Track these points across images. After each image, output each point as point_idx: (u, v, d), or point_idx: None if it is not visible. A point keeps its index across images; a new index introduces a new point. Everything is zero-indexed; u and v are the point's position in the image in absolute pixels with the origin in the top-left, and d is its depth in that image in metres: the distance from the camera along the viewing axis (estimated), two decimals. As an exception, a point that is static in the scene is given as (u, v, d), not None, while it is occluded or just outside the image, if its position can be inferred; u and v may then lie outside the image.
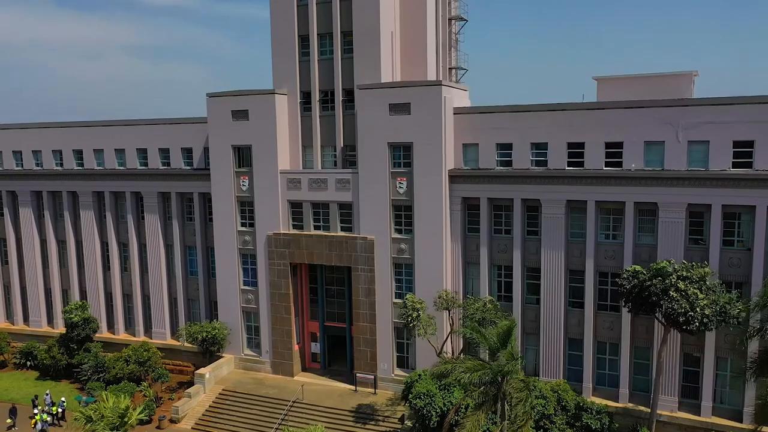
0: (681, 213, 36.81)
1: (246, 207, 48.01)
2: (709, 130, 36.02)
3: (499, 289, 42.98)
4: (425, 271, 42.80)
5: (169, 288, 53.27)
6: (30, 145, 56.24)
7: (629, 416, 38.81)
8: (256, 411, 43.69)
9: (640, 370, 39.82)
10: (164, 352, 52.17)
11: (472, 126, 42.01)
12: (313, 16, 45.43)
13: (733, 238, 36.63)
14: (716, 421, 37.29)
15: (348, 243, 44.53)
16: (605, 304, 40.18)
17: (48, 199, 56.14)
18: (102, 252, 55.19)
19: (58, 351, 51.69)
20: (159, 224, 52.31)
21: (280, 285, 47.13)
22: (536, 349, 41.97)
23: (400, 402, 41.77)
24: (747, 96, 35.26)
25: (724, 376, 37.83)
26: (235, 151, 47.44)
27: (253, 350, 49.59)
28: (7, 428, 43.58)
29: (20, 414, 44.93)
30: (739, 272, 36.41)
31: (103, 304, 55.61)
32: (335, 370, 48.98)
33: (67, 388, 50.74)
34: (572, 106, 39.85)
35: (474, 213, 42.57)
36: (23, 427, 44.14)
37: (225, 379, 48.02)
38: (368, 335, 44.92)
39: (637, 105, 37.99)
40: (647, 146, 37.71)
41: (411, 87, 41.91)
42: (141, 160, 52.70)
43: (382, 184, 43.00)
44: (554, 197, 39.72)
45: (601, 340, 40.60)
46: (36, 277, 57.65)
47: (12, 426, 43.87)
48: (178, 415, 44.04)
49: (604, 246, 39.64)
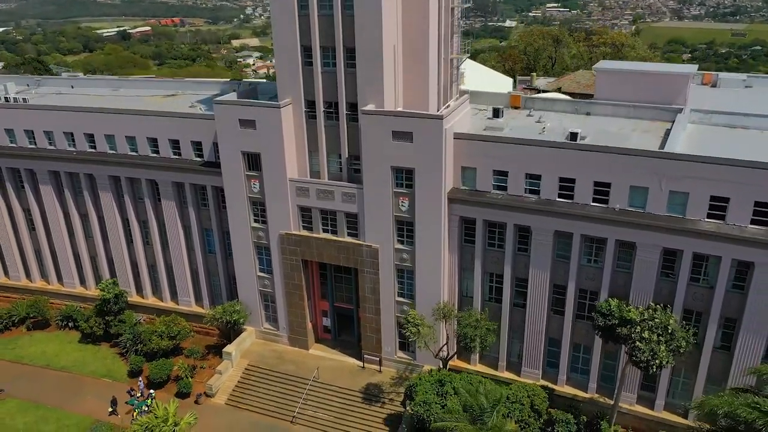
0: (656, 254, 40.93)
1: (258, 206, 51.36)
2: (690, 183, 38.93)
3: (491, 293, 48.24)
4: (425, 276, 47.61)
5: (190, 263, 58.21)
6: (42, 125, 57.68)
7: (595, 405, 46.18)
8: (280, 388, 51.00)
9: (607, 368, 46.47)
10: (190, 317, 58.65)
11: (470, 151, 44.35)
12: (314, 28, 45.14)
13: (699, 276, 41.17)
14: (666, 416, 44.71)
15: (354, 248, 48.80)
16: (582, 314, 45.69)
17: (66, 178, 58.88)
18: (123, 227, 59.22)
19: (95, 322, 58.01)
20: (175, 208, 55.84)
21: (293, 276, 52.15)
22: (521, 343, 48.24)
23: (402, 383, 49.15)
24: (727, 158, 37.69)
25: (677, 381, 44.53)
26: (244, 156, 49.68)
27: (271, 324, 55.92)
28: (109, 414, 49.85)
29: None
30: (700, 305, 41.54)
31: (130, 272, 60.87)
32: (344, 340, 55.72)
33: (109, 352, 57.84)
34: (567, 145, 41.99)
35: (470, 228, 46.42)
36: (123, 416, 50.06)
37: (248, 352, 54.92)
38: (373, 324, 50.94)
39: (627, 152, 40.27)
40: (632, 189, 40.73)
41: (413, 118, 43.49)
42: (152, 147, 54.82)
43: (385, 201, 46.21)
44: (544, 226, 43.43)
45: (576, 342, 46.74)
46: (64, 245, 62.21)
47: (113, 413, 49.94)
48: (213, 391, 51.44)
49: (585, 269, 44.21)
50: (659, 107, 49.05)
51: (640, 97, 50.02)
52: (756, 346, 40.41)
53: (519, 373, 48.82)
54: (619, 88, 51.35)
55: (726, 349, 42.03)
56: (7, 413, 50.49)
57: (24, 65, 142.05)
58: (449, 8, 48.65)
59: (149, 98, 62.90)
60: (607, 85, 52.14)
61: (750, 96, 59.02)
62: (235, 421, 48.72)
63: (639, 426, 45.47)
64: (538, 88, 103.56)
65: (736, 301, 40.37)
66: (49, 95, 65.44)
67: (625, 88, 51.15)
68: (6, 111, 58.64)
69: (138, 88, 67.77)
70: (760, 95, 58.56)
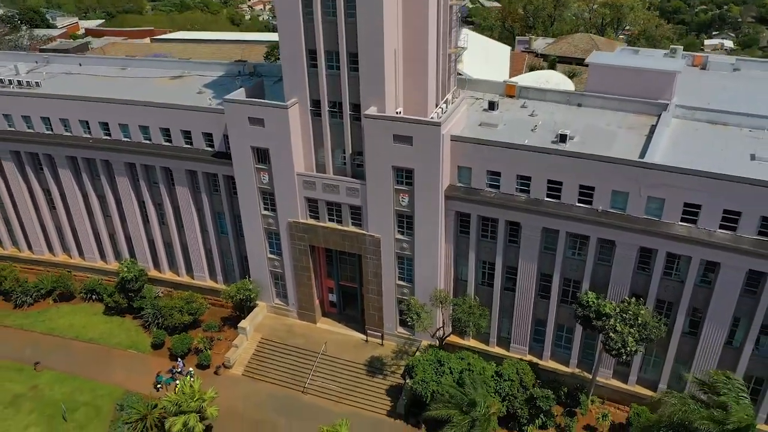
0: (634, 251, 45.03)
1: (268, 196, 54.94)
2: (666, 191, 42.53)
3: (484, 278, 52.62)
4: (423, 263, 51.83)
5: (204, 242, 62.33)
6: (57, 113, 60.32)
7: (575, 378, 51.52)
8: (291, 360, 56.24)
9: (587, 346, 51.46)
10: (205, 291, 63.46)
11: (466, 153, 47.61)
12: (319, 33, 47.23)
13: (671, 271, 45.42)
14: (638, 389, 50.09)
15: (358, 237, 52.80)
16: (566, 299, 50.24)
17: (83, 163, 62.05)
18: (140, 209, 62.94)
19: (119, 296, 62.71)
20: (189, 194, 59.38)
21: (301, 259, 56.42)
22: (510, 323, 53.07)
23: (402, 356, 54.45)
24: (700, 170, 41.14)
25: (649, 359, 49.62)
26: (254, 151, 52.83)
27: (281, 300, 60.64)
28: (155, 389, 54.91)
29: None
30: (672, 296, 46.01)
31: (147, 249, 65.08)
32: (349, 314, 60.62)
33: (132, 324, 62.75)
34: (553, 151, 45.19)
35: (465, 221, 50.28)
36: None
37: (261, 326, 59.92)
38: (376, 304, 55.62)
39: (610, 161, 43.57)
40: (614, 193, 44.36)
41: (413, 124, 46.46)
42: (165, 137, 57.80)
43: (387, 197, 49.79)
44: (532, 223, 47.29)
45: (560, 323, 51.55)
46: (84, 223, 66.07)
47: (159, 387, 54.85)
48: (230, 363, 56.69)
49: (569, 261, 48.39)
50: (646, 102, 51.97)
51: (630, 92, 52.71)
52: (719, 332, 45.15)
53: (508, 349, 53.91)
54: (610, 82, 53.87)
55: (693, 334, 46.80)
56: (46, 384, 55.91)
57: (21, 16, 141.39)
58: (447, 6, 50.58)
59: (157, 80, 65.32)
60: (599, 78, 54.58)
61: (736, 80, 61.71)
62: (253, 391, 54.15)
63: (613, 397, 50.96)
64: (536, 51, 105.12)
65: (703, 294, 44.82)
66: (60, 75, 67.74)
67: (615, 81, 53.65)
68: (23, 99, 60.98)
69: (144, 67, 69.95)
70: (746, 80, 61.23)
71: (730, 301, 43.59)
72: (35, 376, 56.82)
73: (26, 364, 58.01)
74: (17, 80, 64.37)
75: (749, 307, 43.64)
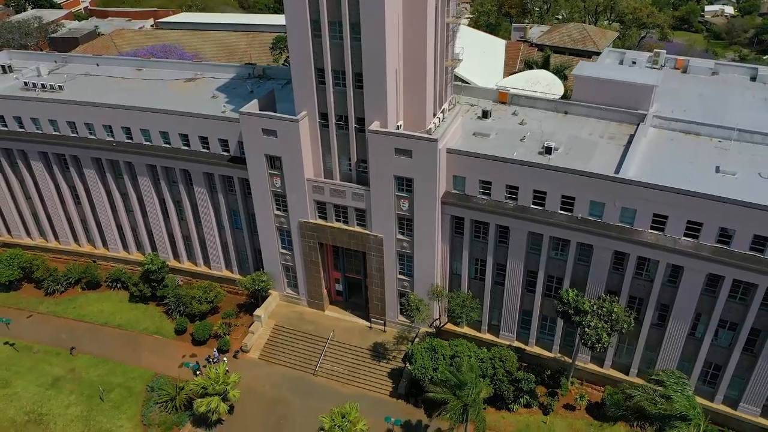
0: (609, 254, 50.60)
1: (280, 198, 60.16)
2: (638, 203, 47.81)
3: (476, 273, 58.30)
4: (421, 260, 57.41)
5: (220, 237, 67.83)
6: (82, 118, 64.98)
7: (557, 362, 57.75)
8: (303, 345, 62.38)
9: (568, 334, 57.46)
10: (222, 280, 69.29)
11: (461, 163, 52.68)
12: (327, 54, 51.71)
13: (642, 272, 51.08)
14: (612, 372, 56.36)
15: (363, 236, 58.28)
16: (550, 294, 56.02)
17: (107, 164, 67.02)
18: (160, 205, 68.20)
19: (143, 285, 68.50)
20: (206, 193, 64.62)
21: (311, 255, 62.03)
22: (500, 312, 58.99)
23: (403, 341, 60.58)
24: (667, 186, 46.33)
25: (622, 347, 55.72)
26: (267, 158, 57.83)
27: (292, 289, 66.47)
28: (194, 374, 60.26)
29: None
30: (642, 293, 51.80)
31: (167, 241, 70.62)
32: (354, 302, 66.55)
33: (156, 311, 68.72)
34: (540, 165, 50.27)
35: (460, 224, 55.67)
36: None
37: (275, 313, 65.89)
38: (379, 295, 61.46)
39: (588, 175, 48.70)
40: (592, 203, 49.64)
41: (413, 139, 51.38)
42: (183, 141, 62.68)
43: (389, 202, 55.05)
44: (520, 228, 52.71)
45: (544, 314, 57.42)
46: (108, 217, 71.42)
47: (198, 374, 60.43)
48: (248, 348, 62.81)
49: (553, 260, 53.98)
50: (626, 111, 56.88)
51: (612, 102, 57.67)
52: (682, 325, 51.07)
53: (498, 335, 59.98)
54: (594, 92, 58.71)
55: (660, 326, 52.73)
56: (83, 367, 62.13)
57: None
58: (445, 24, 54.91)
59: (171, 84, 69.76)
60: (584, 89, 59.41)
61: (714, 84, 66.32)
62: (269, 373, 60.39)
63: (590, 379, 57.26)
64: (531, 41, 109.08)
65: (669, 292, 50.54)
66: (80, 77, 72.10)
67: (598, 92, 58.50)
68: (49, 105, 65.56)
69: (159, 68, 74.30)
70: (722, 86, 65.83)
71: (692, 299, 49.38)
72: (72, 360, 63.03)
73: (62, 348, 64.16)
74: (41, 83, 68.81)
75: (709, 304, 49.42)
